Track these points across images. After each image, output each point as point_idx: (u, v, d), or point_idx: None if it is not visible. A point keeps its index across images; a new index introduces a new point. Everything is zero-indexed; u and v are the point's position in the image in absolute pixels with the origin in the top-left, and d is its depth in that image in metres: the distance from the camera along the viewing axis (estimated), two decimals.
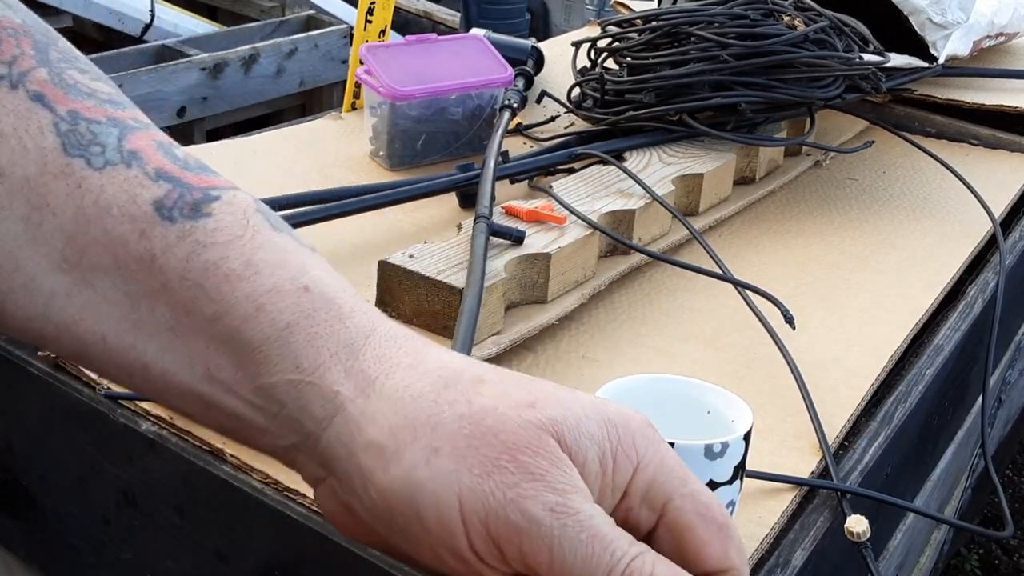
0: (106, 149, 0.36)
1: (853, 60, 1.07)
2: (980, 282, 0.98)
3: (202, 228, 0.36)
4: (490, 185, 0.88)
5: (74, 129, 0.36)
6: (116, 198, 0.35)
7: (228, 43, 2.85)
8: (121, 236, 0.35)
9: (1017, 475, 2.27)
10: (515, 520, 0.34)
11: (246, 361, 0.36)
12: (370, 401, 0.36)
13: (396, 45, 1.11)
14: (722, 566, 0.36)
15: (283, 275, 0.37)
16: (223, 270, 0.36)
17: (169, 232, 0.36)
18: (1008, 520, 0.82)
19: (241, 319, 0.36)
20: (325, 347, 0.36)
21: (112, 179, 0.36)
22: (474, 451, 0.35)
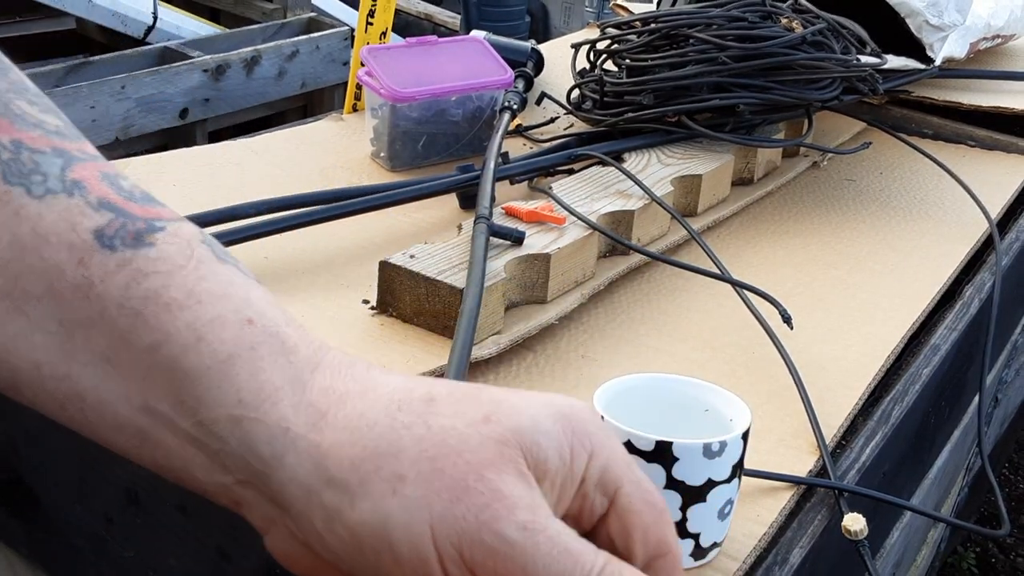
0: (48, 178, 0.35)
1: (850, 62, 1.07)
2: (977, 282, 0.99)
3: (144, 257, 0.35)
4: (490, 186, 0.89)
5: (16, 158, 0.35)
6: (55, 226, 0.35)
7: (230, 45, 2.85)
8: (57, 264, 0.34)
9: (1013, 474, 2.28)
10: (489, 542, 0.34)
11: (185, 393, 0.35)
12: (324, 435, 0.35)
13: (397, 47, 1.11)
14: (663, 550, 0.38)
15: (226, 306, 0.36)
16: (164, 299, 0.35)
17: (109, 260, 0.35)
18: (1004, 518, 0.83)
19: (181, 348, 0.35)
20: (269, 381, 0.36)
21: (51, 207, 0.35)
22: (440, 474, 0.34)
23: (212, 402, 0.35)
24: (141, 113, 2.49)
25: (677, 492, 0.56)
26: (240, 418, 0.35)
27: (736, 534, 0.62)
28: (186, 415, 0.35)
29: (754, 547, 0.62)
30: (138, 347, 0.35)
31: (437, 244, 0.81)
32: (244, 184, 1.01)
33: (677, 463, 0.56)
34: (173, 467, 0.37)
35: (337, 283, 0.84)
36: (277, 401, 0.35)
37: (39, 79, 2.42)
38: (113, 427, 0.36)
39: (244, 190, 0.98)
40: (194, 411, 0.35)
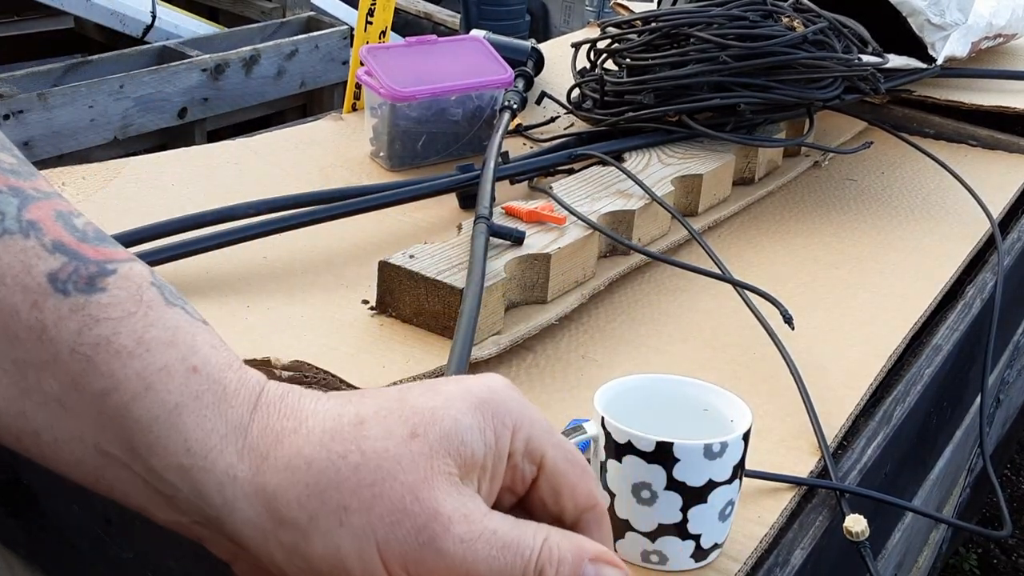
0: (5, 218, 0.36)
1: (852, 61, 1.07)
2: (978, 282, 0.99)
3: (95, 303, 0.36)
4: (490, 186, 0.88)
5: None
6: (11, 268, 0.35)
7: (229, 44, 2.85)
8: (13, 305, 0.35)
9: (1015, 475, 2.27)
10: (432, 561, 0.36)
11: (136, 441, 0.36)
12: (268, 478, 0.37)
13: (396, 46, 1.11)
14: (591, 503, 0.41)
15: (173, 355, 0.37)
16: (115, 346, 0.36)
17: (62, 305, 0.36)
18: (1006, 519, 0.83)
19: (131, 396, 0.36)
20: (215, 430, 0.37)
21: (8, 249, 0.36)
22: (379, 500, 0.36)
23: (162, 451, 0.36)
24: (140, 112, 2.49)
25: (678, 493, 0.56)
26: (190, 467, 0.36)
27: (737, 535, 0.62)
28: (138, 461, 0.36)
29: (755, 548, 0.62)
30: (90, 392, 0.35)
31: (437, 244, 0.81)
32: (243, 184, 1.00)
33: (678, 464, 0.56)
34: (132, 503, 0.38)
35: (337, 283, 0.84)
36: (223, 449, 0.37)
37: (38, 78, 2.42)
38: (70, 463, 0.37)
39: (243, 190, 0.98)
40: (145, 458, 0.36)
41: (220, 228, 0.83)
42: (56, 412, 0.36)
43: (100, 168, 0.99)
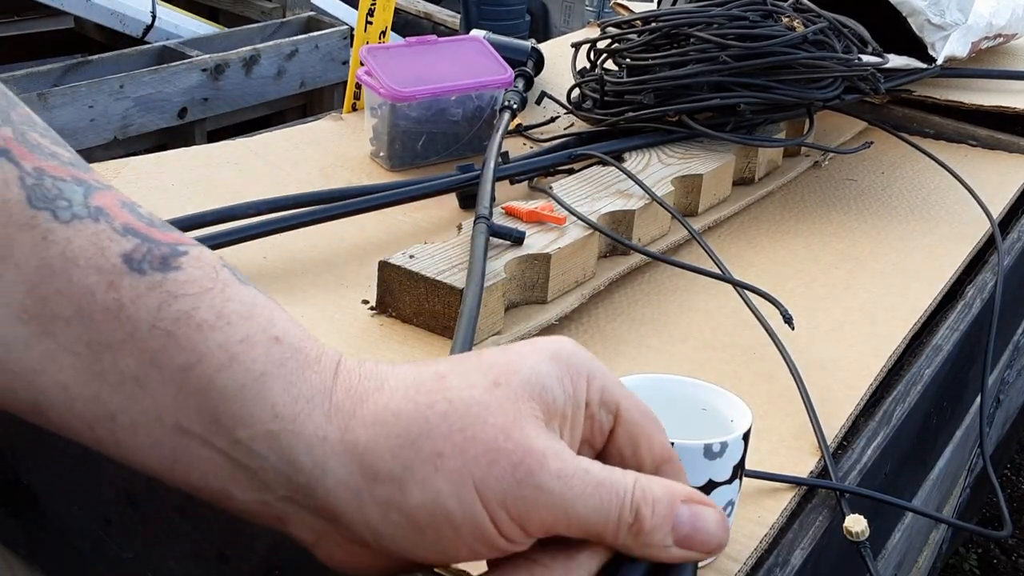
0: (72, 204, 0.36)
1: (852, 61, 1.07)
2: (979, 282, 0.99)
3: (172, 280, 0.36)
4: (490, 186, 0.88)
5: (40, 184, 0.36)
6: (83, 250, 0.35)
7: (229, 44, 2.85)
8: (87, 287, 0.35)
9: (1015, 475, 2.27)
10: (531, 496, 0.36)
11: (221, 412, 0.36)
12: (358, 434, 0.37)
13: (396, 46, 1.11)
14: (667, 455, 0.42)
15: (254, 326, 0.37)
16: (195, 320, 0.36)
17: (139, 283, 0.36)
18: (1006, 520, 0.83)
19: (215, 368, 0.36)
20: (301, 395, 0.37)
21: (79, 232, 0.35)
22: (473, 442, 0.37)
23: (248, 419, 0.36)
24: (140, 112, 2.49)
25: None
26: (278, 432, 0.36)
27: (737, 535, 0.62)
28: (222, 434, 0.36)
29: (755, 548, 0.62)
30: (170, 368, 0.35)
31: (437, 244, 0.81)
32: (243, 184, 1.00)
33: None
34: (210, 487, 0.37)
35: (337, 283, 0.84)
36: (311, 412, 0.36)
37: (37, 78, 2.42)
38: (145, 448, 0.36)
39: (243, 190, 0.98)
40: (231, 430, 0.36)
41: (220, 228, 0.83)
42: (133, 392, 0.35)
43: (100, 168, 0.99)
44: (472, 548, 0.37)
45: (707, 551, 0.39)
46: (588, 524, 0.37)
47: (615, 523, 0.37)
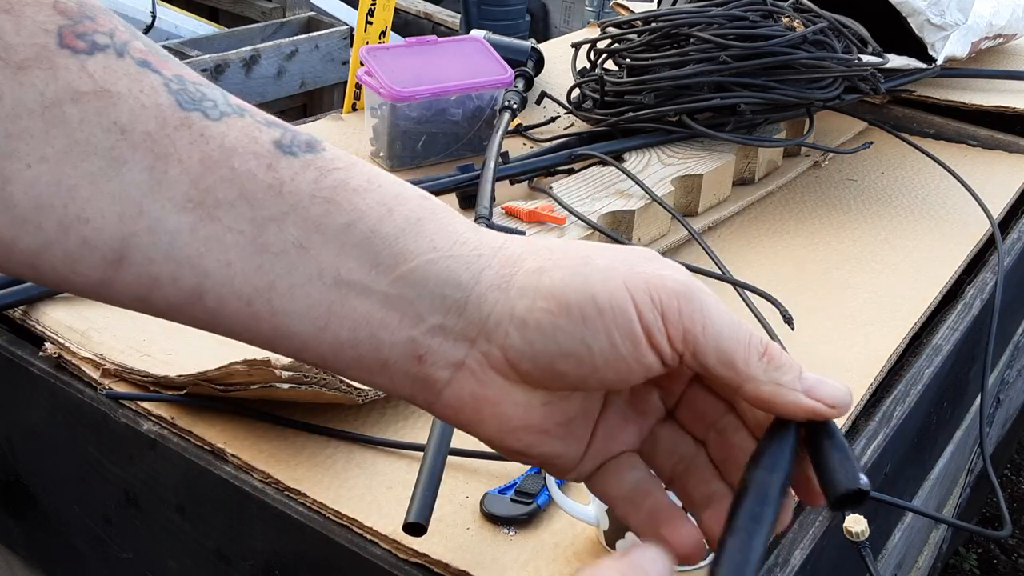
0: (218, 104, 0.39)
1: (852, 61, 1.07)
2: (978, 282, 0.99)
3: (322, 158, 0.40)
4: (490, 186, 0.88)
5: (184, 89, 0.39)
6: (239, 141, 0.39)
7: (229, 44, 2.85)
8: (248, 171, 0.39)
9: (1015, 475, 2.27)
10: (672, 286, 0.40)
11: (383, 256, 0.39)
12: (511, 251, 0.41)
13: (396, 47, 1.11)
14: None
15: (403, 187, 0.41)
16: (351, 185, 0.40)
17: (294, 163, 0.39)
18: (1006, 519, 0.83)
19: (375, 220, 0.40)
20: (455, 231, 0.41)
21: (231, 126, 0.39)
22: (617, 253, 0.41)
23: (409, 255, 0.40)
24: None
25: None
26: (436, 259, 0.40)
27: None
28: (382, 275, 0.39)
29: None
30: (332, 228, 0.39)
31: None
32: None
33: None
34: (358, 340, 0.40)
35: None
36: (465, 241, 0.41)
37: None
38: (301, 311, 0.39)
39: None
40: (391, 268, 0.39)
41: None
42: (295, 257, 0.39)
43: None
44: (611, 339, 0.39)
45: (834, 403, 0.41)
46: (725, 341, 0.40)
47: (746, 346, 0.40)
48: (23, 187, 0.36)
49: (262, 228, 0.38)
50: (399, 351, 0.40)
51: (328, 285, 0.39)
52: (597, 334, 0.39)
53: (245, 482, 0.65)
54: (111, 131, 0.37)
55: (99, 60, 0.37)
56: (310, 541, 0.63)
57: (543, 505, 0.64)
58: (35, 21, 0.36)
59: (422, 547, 0.60)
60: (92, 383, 0.72)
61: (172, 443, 0.68)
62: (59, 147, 0.36)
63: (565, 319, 0.39)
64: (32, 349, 0.76)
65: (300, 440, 0.68)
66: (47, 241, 0.37)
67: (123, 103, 0.37)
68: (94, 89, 0.37)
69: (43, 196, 0.36)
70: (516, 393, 0.41)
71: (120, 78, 0.38)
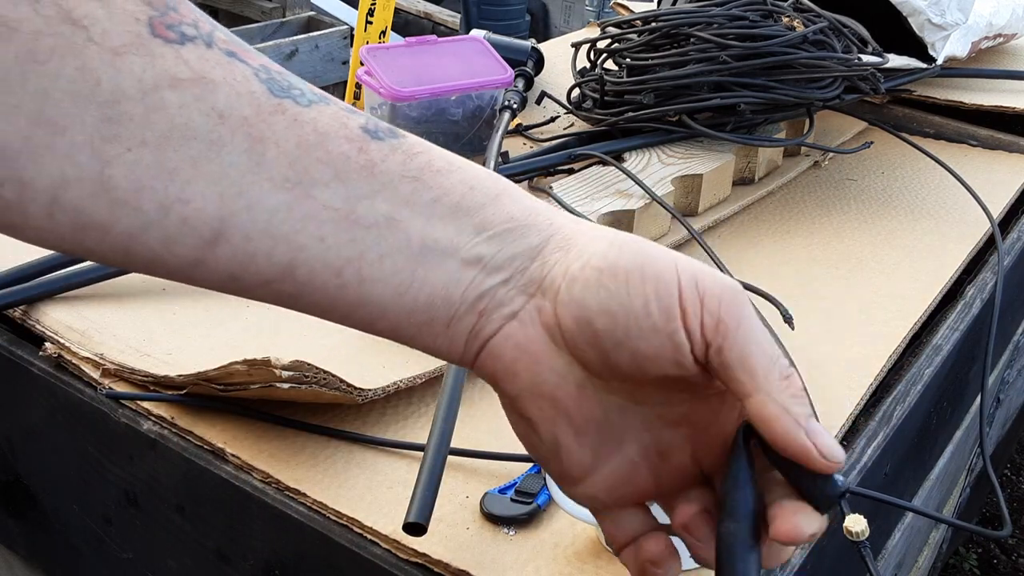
0: (305, 92, 0.42)
1: (852, 61, 1.07)
2: (979, 282, 0.99)
3: (406, 142, 0.43)
4: None
5: (272, 78, 0.41)
6: (330, 126, 0.41)
7: None
8: (343, 153, 0.41)
9: (1015, 475, 2.27)
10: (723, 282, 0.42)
11: (465, 225, 0.43)
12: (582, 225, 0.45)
13: (396, 46, 1.11)
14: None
15: (478, 169, 0.45)
16: (435, 166, 0.43)
17: (383, 146, 0.42)
18: (1006, 519, 0.83)
19: (459, 196, 0.43)
20: (530, 205, 0.44)
21: (322, 112, 0.41)
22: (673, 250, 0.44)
23: (489, 224, 0.43)
24: None
25: None
26: (514, 228, 0.43)
27: None
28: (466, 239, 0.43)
29: None
30: (420, 203, 0.42)
31: None
32: None
33: None
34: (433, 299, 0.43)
35: None
36: (539, 212, 0.44)
37: None
38: (387, 276, 0.42)
39: None
40: (474, 234, 0.43)
41: None
42: (385, 229, 0.41)
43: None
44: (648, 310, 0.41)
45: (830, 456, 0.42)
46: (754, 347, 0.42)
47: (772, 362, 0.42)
48: (123, 170, 0.37)
49: (354, 205, 0.41)
50: (466, 306, 0.43)
51: (415, 252, 0.42)
52: (636, 299, 0.42)
53: (245, 482, 0.65)
54: (210, 116, 0.39)
55: (191, 50, 0.39)
56: (310, 541, 0.63)
57: (543, 505, 0.64)
58: (125, 10, 0.38)
59: (422, 547, 0.60)
60: (92, 383, 0.72)
61: (172, 443, 0.68)
62: (159, 131, 0.38)
63: (611, 280, 0.42)
64: (32, 349, 0.76)
65: (300, 440, 0.68)
66: (146, 222, 0.38)
67: (219, 90, 0.39)
68: (191, 76, 0.38)
69: (143, 178, 0.38)
70: (557, 359, 0.43)
71: (213, 67, 0.39)
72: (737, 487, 0.42)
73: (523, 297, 0.43)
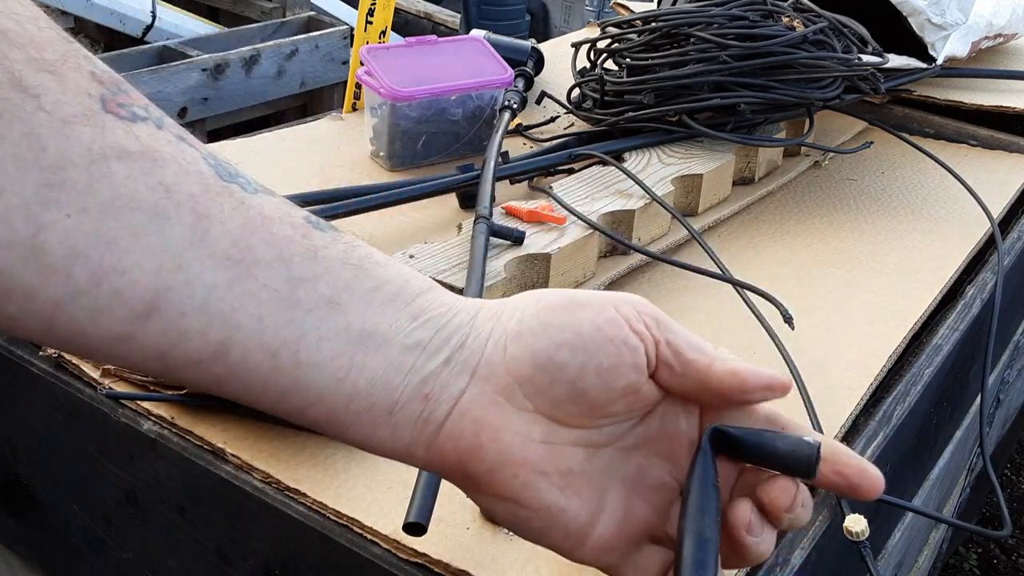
0: (250, 182, 0.43)
1: (852, 61, 1.07)
2: (979, 282, 0.99)
3: (347, 236, 0.44)
4: (490, 186, 0.88)
5: (220, 164, 0.42)
6: (276, 211, 0.42)
7: (229, 44, 2.85)
8: (286, 236, 0.42)
9: (1015, 475, 2.27)
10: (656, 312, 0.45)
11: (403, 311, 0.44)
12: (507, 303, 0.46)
13: (396, 46, 1.11)
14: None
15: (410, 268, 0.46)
16: (374, 259, 0.44)
17: (325, 236, 0.43)
18: (1006, 519, 0.83)
19: (398, 286, 0.44)
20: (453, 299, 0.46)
21: (267, 200, 0.42)
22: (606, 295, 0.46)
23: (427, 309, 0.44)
24: None
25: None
26: (446, 312, 0.45)
27: None
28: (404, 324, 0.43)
29: None
30: (362, 289, 0.43)
31: (437, 244, 0.81)
32: None
33: None
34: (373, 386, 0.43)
35: None
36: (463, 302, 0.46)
37: None
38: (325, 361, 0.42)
39: None
40: (412, 319, 0.44)
41: None
42: (325, 312, 0.42)
43: None
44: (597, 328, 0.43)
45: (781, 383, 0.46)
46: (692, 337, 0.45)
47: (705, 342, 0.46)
48: (58, 236, 0.37)
49: (295, 287, 0.41)
50: (409, 392, 0.43)
51: (354, 337, 0.42)
52: (583, 322, 0.43)
53: (245, 482, 0.65)
54: (156, 189, 0.38)
55: (142, 127, 0.39)
56: (310, 541, 0.63)
57: None
58: (78, 84, 0.38)
59: (422, 547, 0.60)
60: (92, 383, 0.72)
61: (172, 443, 0.68)
62: (102, 200, 0.37)
63: (553, 316, 0.44)
64: (32, 349, 0.76)
65: (300, 440, 0.68)
66: (75, 291, 0.37)
67: (168, 166, 0.39)
68: (140, 150, 0.38)
69: (79, 246, 0.37)
70: (517, 420, 0.44)
71: (164, 144, 0.40)
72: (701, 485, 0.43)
73: (466, 375, 0.44)
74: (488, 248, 0.79)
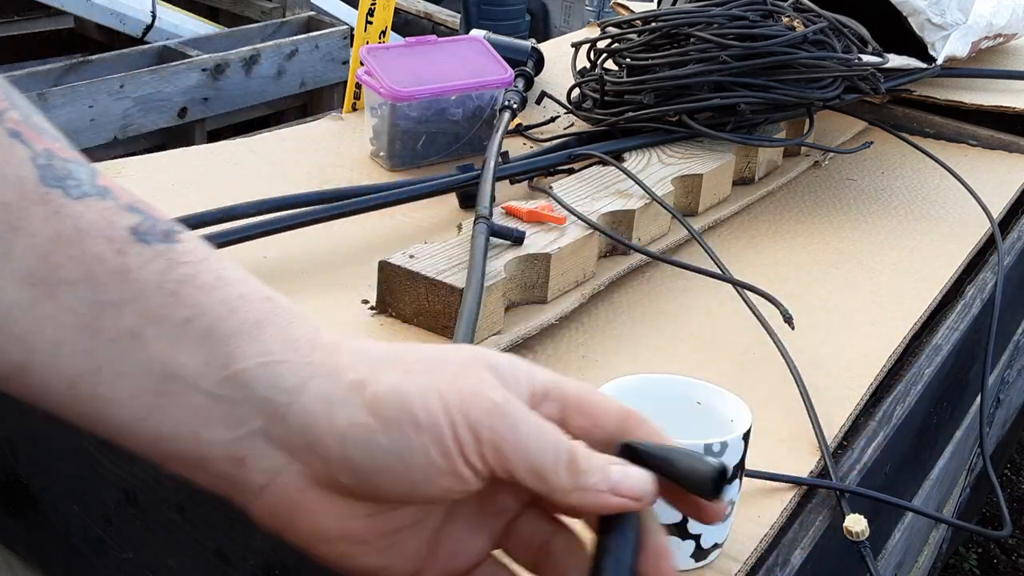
0: (82, 183, 0.39)
1: (852, 61, 1.07)
2: (978, 282, 0.99)
3: (175, 250, 0.40)
4: (490, 185, 0.88)
5: (50, 164, 0.38)
6: (94, 223, 0.38)
7: (229, 44, 2.85)
8: (98, 254, 0.38)
9: (1015, 475, 2.27)
10: (486, 407, 0.40)
11: (216, 352, 0.39)
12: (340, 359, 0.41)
13: (396, 46, 1.11)
14: (624, 413, 0.44)
15: (249, 288, 0.41)
16: (197, 281, 0.39)
17: (146, 251, 0.39)
18: (1006, 519, 0.83)
19: (215, 319, 0.39)
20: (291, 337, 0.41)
21: (89, 207, 0.38)
22: (438, 365, 0.41)
23: (243, 356, 0.39)
24: (140, 112, 2.49)
25: None
26: (268, 363, 0.40)
27: (737, 535, 0.62)
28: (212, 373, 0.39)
29: (755, 548, 0.62)
30: (170, 322, 0.39)
31: (437, 244, 0.81)
32: (243, 184, 1.00)
33: None
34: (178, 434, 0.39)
35: (337, 283, 0.84)
36: (299, 348, 0.41)
37: (38, 78, 2.41)
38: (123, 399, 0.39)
39: (243, 190, 0.98)
40: (223, 367, 0.39)
41: (220, 228, 0.83)
42: (127, 346, 0.38)
43: (100, 168, 0.99)
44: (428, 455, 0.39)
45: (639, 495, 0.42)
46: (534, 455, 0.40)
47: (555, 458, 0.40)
48: None
49: (99, 314, 0.38)
50: (219, 452, 0.40)
51: (156, 377, 0.39)
52: (414, 451, 0.40)
53: None
54: None
55: None
56: None
57: None
58: None
59: None
60: None
61: None
62: None
63: (382, 435, 0.39)
64: None
65: None
66: None
67: None
68: None
69: None
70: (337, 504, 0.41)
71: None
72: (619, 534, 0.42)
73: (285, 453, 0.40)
74: (488, 248, 0.79)
